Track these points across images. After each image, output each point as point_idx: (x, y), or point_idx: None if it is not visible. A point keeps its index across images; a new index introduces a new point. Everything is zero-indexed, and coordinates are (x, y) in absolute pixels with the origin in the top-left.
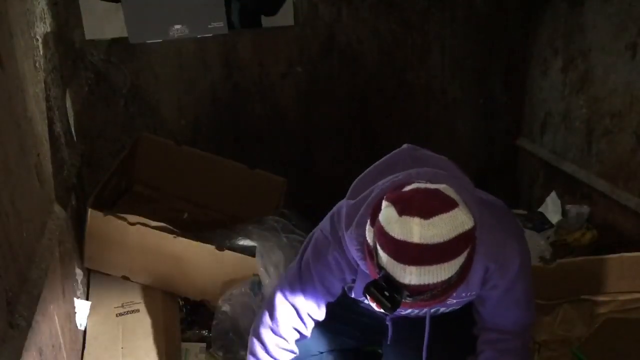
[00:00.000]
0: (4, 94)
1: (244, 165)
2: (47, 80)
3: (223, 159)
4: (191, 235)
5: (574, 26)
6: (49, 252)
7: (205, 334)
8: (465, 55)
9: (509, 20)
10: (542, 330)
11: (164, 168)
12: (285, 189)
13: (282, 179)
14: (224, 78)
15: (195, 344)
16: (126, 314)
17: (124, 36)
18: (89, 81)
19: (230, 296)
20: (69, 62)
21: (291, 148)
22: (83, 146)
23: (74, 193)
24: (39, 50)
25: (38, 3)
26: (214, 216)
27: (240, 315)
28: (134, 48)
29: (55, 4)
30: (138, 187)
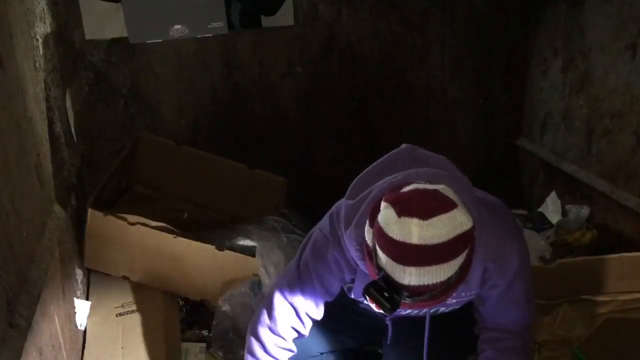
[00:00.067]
0: (4, 94)
1: (244, 165)
2: (47, 80)
3: (223, 159)
4: (191, 235)
5: (574, 26)
6: (49, 252)
7: (205, 334)
8: (465, 55)
9: (509, 20)
10: (542, 330)
11: (164, 168)
12: (285, 189)
13: (282, 179)
14: (224, 78)
15: (195, 344)
16: (126, 314)
17: (124, 36)
18: (89, 81)
19: (230, 296)
20: (69, 62)
21: (291, 148)
22: (83, 146)
23: (74, 193)
24: (39, 50)
25: (38, 3)
26: (214, 216)
27: (240, 315)
28: (134, 48)
29: (55, 4)
30: (138, 187)
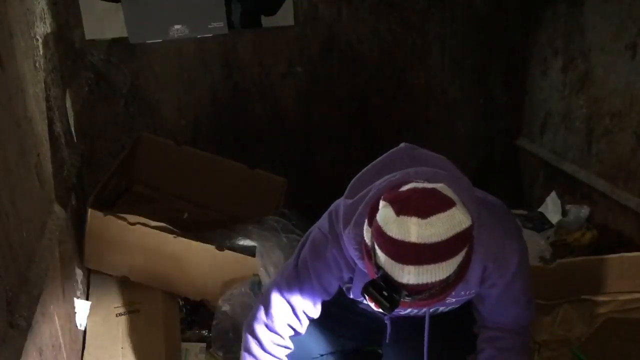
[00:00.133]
0: (4, 94)
1: (244, 165)
2: (47, 80)
3: (223, 159)
4: (191, 235)
5: (574, 26)
6: (49, 252)
7: (205, 334)
8: (465, 55)
9: (509, 20)
10: (542, 330)
11: (164, 168)
12: (285, 189)
13: (282, 179)
14: (224, 78)
15: (195, 344)
16: (126, 314)
17: (124, 36)
18: (89, 81)
19: (230, 296)
20: (69, 62)
21: (291, 148)
22: (83, 146)
23: (74, 193)
24: (39, 50)
25: (38, 3)
26: (214, 216)
27: (240, 315)
28: (134, 48)
29: (55, 4)
30: (138, 187)
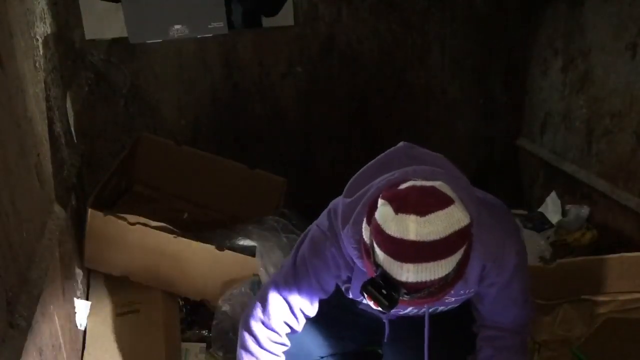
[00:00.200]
0: (4, 94)
1: (244, 165)
2: (47, 80)
3: (223, 159)
4: (191, 235)
5: (574, 26)
6: (49, 252)
7: (205, 334)
8: (465, 55)
9: (509, 20)
10: (542, 330)
11: (164, 168)
12: (285, 189)
13: (282, 179)
14: (224, 78)
15: (195, 344)
16: (126, 314)
17: (124, 36)
18: (89, 81)
19: (230, 296)
20: (69, 62)
21: (291, 148)
22: (83, 146)
23: (74, 193)
24: (39, 50)
25: (38, 3)
26: (214, 216)
27: (240, 315)
28: (134, 48)
29: (55, 4)
30: (138, 187)
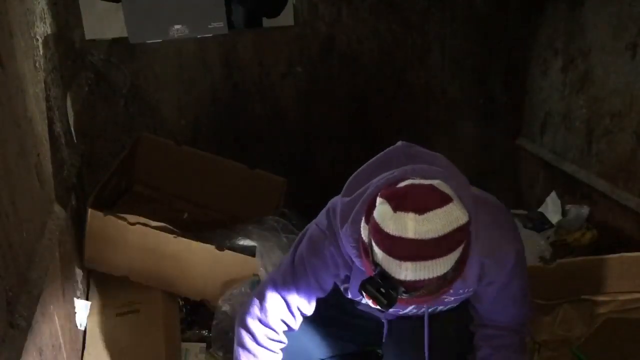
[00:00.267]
0: (4, 94)
1: (244, 165)
2: (47, 80)
3: (223, 159)
4: (191, 235)
5: (574, 26)
6: (49, 252)
7: (205, 334)
8: (465, 55)
9: (509, 20)
10: (542, 330)
11: (164, 168)
12: (285, 189)
13: (282, 179)
14: (224, 78)
15: (195, 344)
16: (126, 314)
17: (124, 36)
18: (89, 81)
19: (230, 296)
20: (69, 62)
21: (291, 148)
22: (83, 146)
23: (74, 193)
24: (39, 50)
25: (38, 3)
26: (214, 216)
27: None
28: (134, 48)
29: (55, 4)
30: (138, 187)
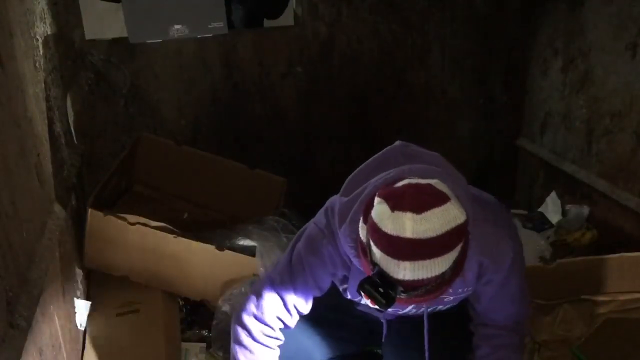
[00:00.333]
0: (4, 94)
1: (244, 165)
2: (47, 80)
3: (223, 159)
4: (191, 235)
5: (574, 26)
6: (49, 252)
7: (205, 334)
8: (465, 55)
9: (509, 20)
10: (542, 330)
11: (164, 168)
12: (285, 189)
13: (282, 179)
14: (224, 78)
15: (195, 344)
16: (126, 314)
17: (124, 36)
18: (89, 81)
19: (230, 296)
20: (69, 62)
21: (291, 148)
22: (83, 146)
23: (74, 193)
24: (39, 50)
25: (38, 3)
26: (214, 216)
27: None
28: (134, 48)
29: (55, 4)
30: (138, 187)
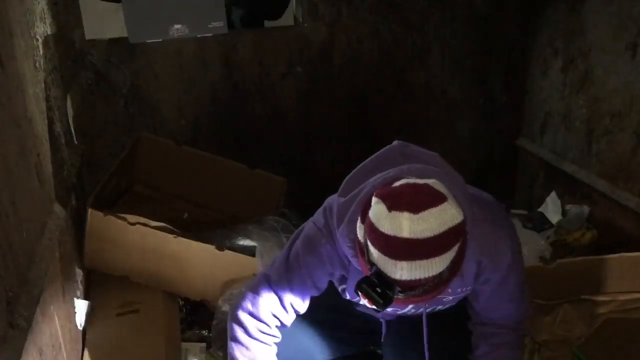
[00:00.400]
0: (4, 94)
1: (244, 165)
2: (47, 80)
3: (223, 159)
4: (191, 235)
5: (574, 26)
6: (49, 252)
7: (205, 334)
8: (465, 55)
9: (509, 20)
10: (542, 330)
11: (164, 168)
12: (285, 189)
13: (282, 179)
14: (224, 78)
15: (195, 344)
16: (126, 314)
17: (124, 36)
18: (89, 81)
19: (230, 296)
20: (69, 62)
21: (291, 148)
22: (83, 146)
23: (74, 193)
24: (39, 50)
25: (38, 3)
26: (214, 216)
27: None
28: (134, 48)
29: (55, 4)
30: (138, 187)
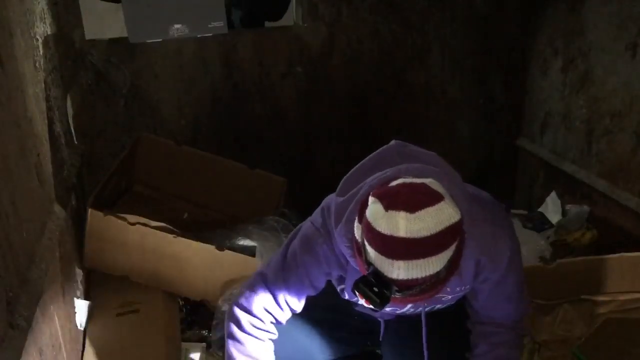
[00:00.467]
0: (4, 94)
1: (244, 165)
2: (47, 80)
3: (223, 159)
4: (191, 235)
5: (574, 26)
6: (49, 252)
7: (205, 334)
8: (465, 55)
9: (509, 20)
10: (542, 330)
11: (164, 168)
12: (285, 189)
13: (282, 179)
14: (224, 78)
15: (195, 344)
16: (126, 314)
17: (124, 36)
18: (89, 81)
19: (230, 296)
20: (69, 62)
21: (291, 148)
22: (83, 146)
23: (74, 193)
24: (39, 50)
25: (38, 3)
26: (214, 216)
27: None
28: (134, 48)
29: (55, 4)
30: (138, 187)
